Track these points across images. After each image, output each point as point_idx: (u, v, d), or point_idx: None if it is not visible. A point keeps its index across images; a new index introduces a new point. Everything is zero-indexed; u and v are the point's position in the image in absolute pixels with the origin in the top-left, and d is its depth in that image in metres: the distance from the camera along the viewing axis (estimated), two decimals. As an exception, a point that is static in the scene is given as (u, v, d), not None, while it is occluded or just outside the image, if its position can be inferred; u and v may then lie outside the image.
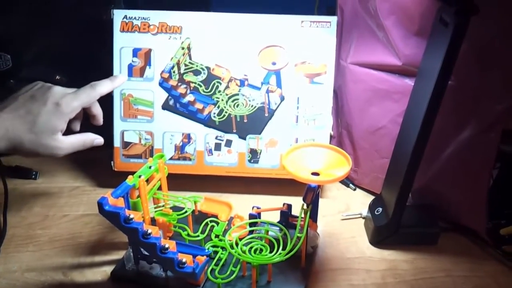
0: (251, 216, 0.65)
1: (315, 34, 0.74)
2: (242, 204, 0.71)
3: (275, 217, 0.66)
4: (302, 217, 0.60)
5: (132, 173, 0.64)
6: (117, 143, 0.77)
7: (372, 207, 0.70)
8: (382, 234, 0.67)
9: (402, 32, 0.64)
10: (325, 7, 0.89)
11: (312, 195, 0.59)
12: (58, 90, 0.67)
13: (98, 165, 0.83)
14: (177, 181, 0.72)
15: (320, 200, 0.70)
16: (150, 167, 0.66)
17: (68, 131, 0.68)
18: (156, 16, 0.75)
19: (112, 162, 0.78)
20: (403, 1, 0.63)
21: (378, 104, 0.72)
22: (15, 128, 0.63)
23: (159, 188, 0.68)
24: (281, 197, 0.76)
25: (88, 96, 0.68)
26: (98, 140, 0.72)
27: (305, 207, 0.60)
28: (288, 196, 0.77)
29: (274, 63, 0.75)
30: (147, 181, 0.65)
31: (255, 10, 0.74)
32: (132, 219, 0.57)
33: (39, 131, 0.64)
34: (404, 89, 0.67)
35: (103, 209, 0.56)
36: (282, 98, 0.75)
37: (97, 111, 0.71)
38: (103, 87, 0.70)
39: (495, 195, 0.67)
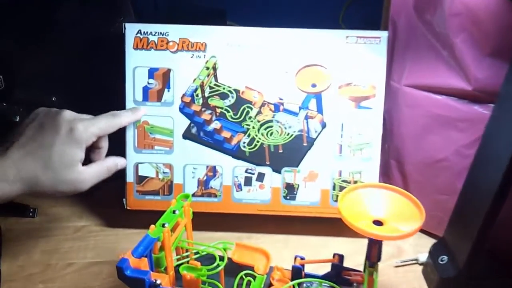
0: (295, 270, 0.55)
1: (363, 52, 0.64)
2: (278, 248, 0.62)
3: (323, 268, 0.56)
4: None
5: (147, 212, 0.54)
6: (130, 177, 0.66)
7: (434, 253, 0.60)
8: (449, 287, 0.57)
9: (474, 52, 0.54)
10: (358, 18, 0.80)
11: (377, 250, 0.49)
12: (69, 114, 0.58)
13: (105, 199, 0.71)
14: (200, 221, 0.61)
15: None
16: (174, 212, 0.56)
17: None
18: (176, 31, 0.65)
19: (124, 199, 0.67)
20: (478, 15, 0.53)
21: (439, 133, 0.62)
22: (28, 167, 0.54)
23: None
24: (322, 239, 0.67)
25: (108, 123, 0.59)
26: (121, 162, 0.64)
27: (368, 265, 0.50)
28: (330, 237, 0.68)
29: (314, 85, 0.65)
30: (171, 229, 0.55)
31: (273, 23, 0.64)
32: (159, 285, 0.47)
33: (56, 165, 0.55)
34: (473, 117, 0.57)
35: (124, 275, 0.46)
36: (324, 125, 0.65)
37: (105, 144, 0.61)
38: (124, 117, 0.61)
39: None
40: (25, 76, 0.70)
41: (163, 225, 0.53)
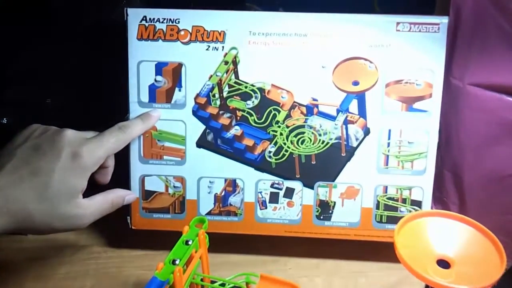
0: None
1: (416, 42, 0.52)
2: (309, 275, 0.55)
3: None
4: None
5: (155, 233, 0.45)
6: (135, 192, 0.56)
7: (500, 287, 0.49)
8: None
9: None
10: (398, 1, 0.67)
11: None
12: (72, 135, 0.48)
13: (108, 215, 0.62)
14: (216, 243, 0.51)
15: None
16: (187, 242, 0.46)
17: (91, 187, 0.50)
18: (188, 18, 0.53)
19: (128, 217, 0.57)
20: None
21: (509, 143, 0.50)
22: (19, 197, 0.44)
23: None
24: (360, 264, 0.56)
25: (117, 141, 0.50)
26: (130, 196, 0.54)
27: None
28: (370, 263, 0.57)
29: (356, 83, 0.53)
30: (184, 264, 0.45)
31: (295, 7, 0.53)
32: None
33: (54, 196, 0.45)
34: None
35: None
36: (367, 132, 0.54)
37: (111, 163, 0.52)
38: (134, 129, 0.52)
39: None
40: (14, 72, 0.60)
41: (173, 262, 0.43)
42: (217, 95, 0.54)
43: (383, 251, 0.56)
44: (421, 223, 0.42)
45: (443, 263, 0.40)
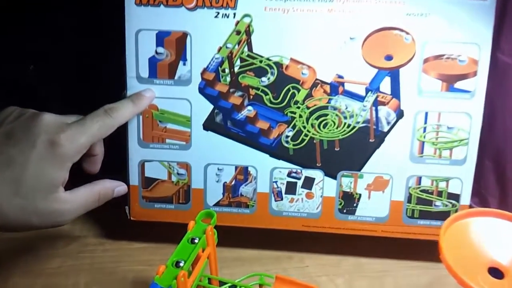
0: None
1: (461, 11, 0.44)
2: (329, 275, 0.49)
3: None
4: None
5: (157, 224, 0.46)
6: (134, 180, 0.50)
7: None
8: None
9: None
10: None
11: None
12: (49, 120, 0.41)
13: (104, 204, 0.55)
14: (226, 237, 0.45)
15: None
16: (192, 241, 0.39)
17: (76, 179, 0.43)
18: (194, -22, 0.46)
19: (126, 207, 0.51)
20: None
21: None
22: None
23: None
24: (387, 262, 0.50)
25: (102, 127, 0.43)
26: (120, 188, 0.47)
27: None
28: (396, 261, 0.51)
29: (389, 58, 0.46)
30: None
31: None
32: None
33: (29, 191, 0.39)
34: None
35: None
36: (400, 114, 0.46)
37: (100, 150, 0.45)
38: (123, 113, 0.44)
39: None
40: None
41: (176, 264, 0.37)
42: (227, 70, 0.47)
43: (412, 249, 0.50)
44: (471, 223, 0.35)
45: (496, 272, 0.34)
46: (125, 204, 0.51)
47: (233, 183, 0.49)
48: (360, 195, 0.48)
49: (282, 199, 0.49)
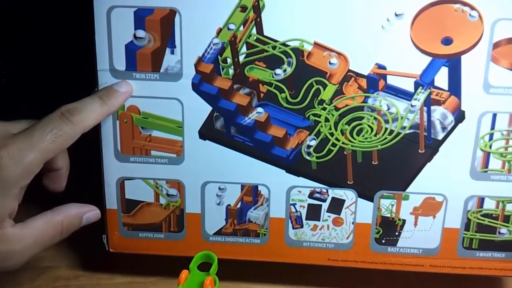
0: None
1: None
2: None
3: None
4: None
5: (141, 257, 0.35)
6: (111, 202, 0.38)
7: None
8: None
9: None
10: None
11: None
12: None
13: (80, 230, 0.43)
14: (230, 272, 0.33)
15: None
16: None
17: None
18: None
19: (104, 236, 0.39)
20: None
21: None
22: None
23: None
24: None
25: (59, 137, 0.31)
26: (91, 214, 0.35)
27: None
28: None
29: (447, 41, 0.33)
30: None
31: None
32: None
33: None
34: None
35: None
36: (460, 117, 0.34)
37: (63, 163, 0.33)
38: (87, 115, 0.33)
39: None
40: None
41: None
42: (229, 61, 0.34)
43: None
44: None
45: None
46: (102, 232, 0.39)
47: (239, 206, 0.37)
48: (404, 221, 0.36)
49: (302, 226, 0.37)
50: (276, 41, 0.34)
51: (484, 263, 0.37)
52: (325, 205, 0.37)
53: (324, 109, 0.34)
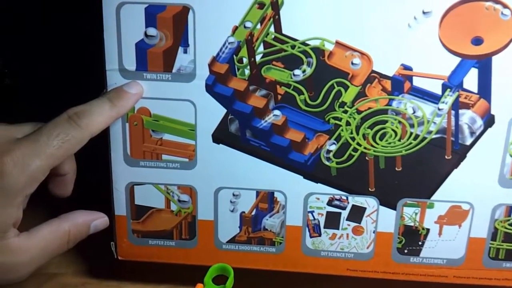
0: None
1: None
2: None
3: None
4: None
5: (150, 265, 0.34)
6: (120, 208, 0.36)
7: None
8: None
9: None
10: None
11: None
12: None
13: (88, 236, 0.41)
14: (243, 283, 0.31)
15: None
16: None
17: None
18: None
19: (112, 243, 0.37)
20: None
21: None
22: None
23: None
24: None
25: (66, 142, 0.29)
26: (99, 222, 0.33)
27: None
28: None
29: (478, 41, 0.31)
30: None
31: None
32: None
33: None
34: None
35: None
36: (489, 121, 0.32)
37: (69, 168, 0.32)
38: (96, 118, 0.31)
39: None
40: None
41: None
42: (245, 60, 0.32)
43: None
44: None
45: None
46: (111, 239, 0.37)
47: (253, 213, 0.35)
48: (428, 230, 0.34)
49: (320, 235, 0.35)
50: (295, 40, 0.32)
51: (511, 274, 0.35)
52: (344, 213, 0.35)
53: (346, 112, 0.32)
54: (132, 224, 0.36)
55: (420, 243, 0.35)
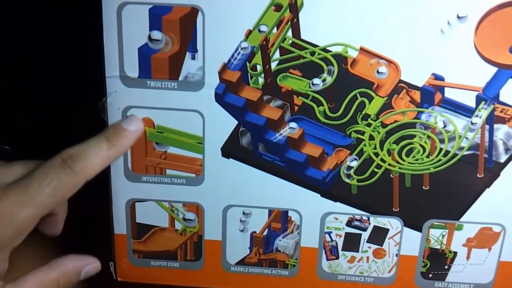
0: None
1: None
2: None
3: None
4: None
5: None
6: (120, 227, 0.33)
7: None
8: None
9: None
10: None
11: None
12: None
13: (90, 249, 0.38)
14: None
15: None
16: None
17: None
18: None
19: (111, 264, 0.34)
20: None
21: None
22: None
23: None
24: None
25: (59, 189, 0.26)
26: (90, 268, 0.30)
27: None
28: None
29: (518, 49, 0.28)
30: None
31: None
32: None
33: None
34: None
35: None
36: (527, 137, 0.29)
37: (60, 209, 0.29)
38: (92, 161, 0.27)
39: None
40: None
41: None
42: (259, 68, 0.29)
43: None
44: None
45: None
46: (110, 259, 0.34)
47: (265, 233, 0.32)
48: (455, 253, 0.31)
49: (337, 258, 0.32)
50: (315, 45, 0.28)
51: (543, 300, 0.32)
52: (365, 235, 0.31)
53: (369, 125, 0.29)
54: (133, 243, 0.33)
55: (446, 267, 0.32)
